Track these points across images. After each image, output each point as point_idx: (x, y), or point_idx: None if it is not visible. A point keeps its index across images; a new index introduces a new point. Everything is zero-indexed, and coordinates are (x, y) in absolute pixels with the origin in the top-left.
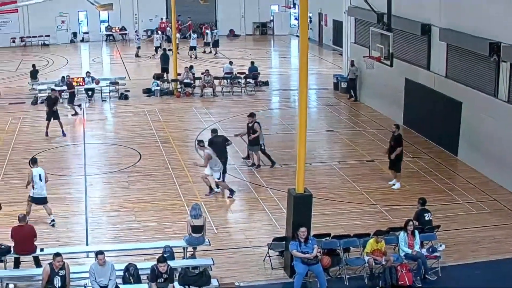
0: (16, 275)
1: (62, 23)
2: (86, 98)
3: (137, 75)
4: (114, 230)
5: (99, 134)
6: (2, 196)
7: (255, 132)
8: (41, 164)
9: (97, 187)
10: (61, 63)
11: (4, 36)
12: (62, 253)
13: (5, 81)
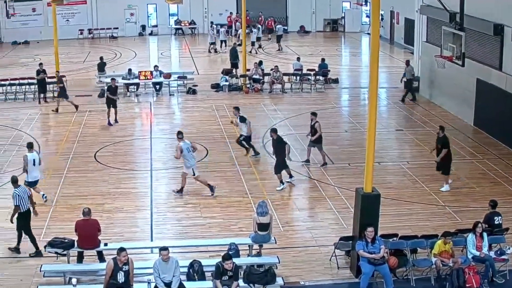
0: (79, 270)
1: (131, 15)
2: (153, 92)
3: (206, 70)
4: (179, 226)
5: (166, 129)
6: (67, 189)
7: (316, 131)
8: (107, 158)
9: (162, 182)
10: (129, 56)
11: (72, 27)
12: (126, 248)
13: (72, 73)
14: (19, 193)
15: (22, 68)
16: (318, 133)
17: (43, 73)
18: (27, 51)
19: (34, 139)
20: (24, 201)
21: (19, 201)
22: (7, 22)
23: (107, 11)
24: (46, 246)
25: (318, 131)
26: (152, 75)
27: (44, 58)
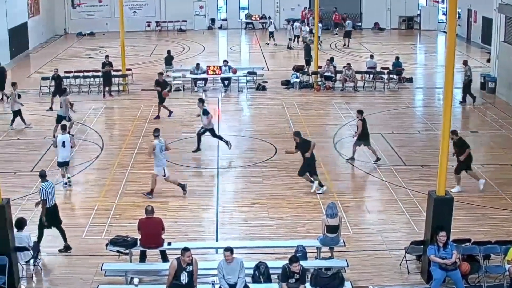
0: (141, 269)
1: (200, 8)
2: (222, 88)
3: (276, 66)
4: (245, 226)
5: (234, 126)
6: (130, 186)
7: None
8: (172, 155)
9: (229, 180)
10: (197, 50)
11: (140, 19)
12: (190, 248)
13: (139, 66)
14: (46, 187)
15: (87, 60)
16: (358, 131)
17: (109, 66)
18: (92, 43)
19: (98, 133)
20: (51, 196)
21: (46, 195)
22: (73, 13)
23: (176, 3)
24: (108, 244)
25: (358, 128)
26: (221, 70)
27: (110, 50)
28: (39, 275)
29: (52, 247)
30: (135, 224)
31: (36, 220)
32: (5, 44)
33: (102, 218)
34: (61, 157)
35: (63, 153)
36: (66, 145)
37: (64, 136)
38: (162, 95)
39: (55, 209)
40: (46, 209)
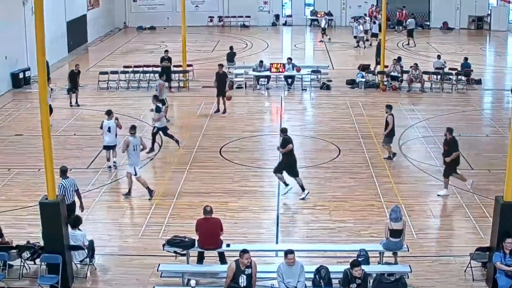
0: (199, 271)
1: (264, 4)
2: (285, 86)
3: (342, 65)
4: (306, 229)
5: (297, 125)
6: (189, 185)
7: (387, 124)
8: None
9: (291, 181)
10: (260, 46)
11: (202, 14)
12: (249, 250)
13: (200, 62)
14: (64, 184)
15: (147, 55)
16: (390, 126)
17: (167, 61)
18: (152, 37)
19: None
20: (69, 193)
21: (64, 192)
22: (133, 6)
23: None
24: (165, 245)
25: (390, 124)
26: (284, 68)
27: (171, 45)
28: (94, 274)
29: (108, 247)
30: (193, 224)
31: (92, 218)
32: (63, 37)
33: (159, 218)
34: (106, 142)
35: (108, 138)
36: (111, 131)
37: (109, 122)
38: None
39: (73, 207)
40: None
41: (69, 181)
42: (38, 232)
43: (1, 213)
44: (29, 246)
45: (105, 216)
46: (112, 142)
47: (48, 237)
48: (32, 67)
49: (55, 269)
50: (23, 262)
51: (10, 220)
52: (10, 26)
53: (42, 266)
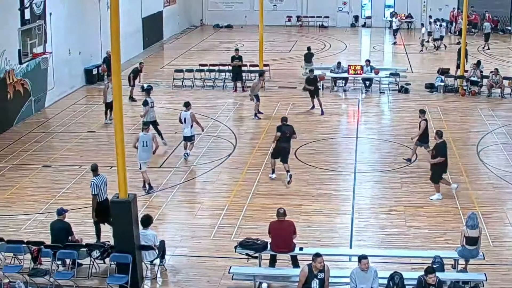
0: (271, 274)
1: (343, 4)
2: (362, 89)
3: (420, 68)
4: (381, 234)
5: (374, 129)
6: (263, 187)
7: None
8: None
9: (366, 185)
10: (338, 47)
11: (280, 13)
12: (322, 254)
13: (277, 62)
14: (96, 182)
15: (223, 54)
16: (419, 131)
17: (238, 60)
18: (229, 35)
19: (231, 130)
20: (101, 190)
21: (97, 190)
22: (210, 3)
23: None
24: (237, 247)
25: (420, 129)
26: (362, 70)
27: (247, 44)
28: (164, 275)
29: (179, 248)
30: (266, 226)
31: (163, 218)
32: (139, 33)
33: (232, 219)
34: (185, 132)
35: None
36: (187, 121)
37: (186, 113)
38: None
39: (107, 204)
40: (98, 204)
41: (100, 178)
42: (108, 231)
43: (72, 211)
44: (99, 245)
45: (177, 217)
46: (186, 133)
47: (118, 236)
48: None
49: (124, 269)
50: (93, 261)
51: (80, 218)
52: (85, 21)
53: (112, 266)
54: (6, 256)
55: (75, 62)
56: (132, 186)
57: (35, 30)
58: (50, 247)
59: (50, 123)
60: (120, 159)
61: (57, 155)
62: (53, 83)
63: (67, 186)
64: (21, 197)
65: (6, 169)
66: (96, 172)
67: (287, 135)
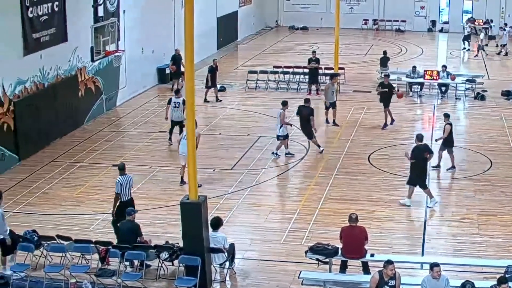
0: (341, 280)
1: (421, 8)
2: (438, 94)
3: (497, 75)
4: (453, 242)
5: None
6: (335, 191)
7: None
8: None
9: (439, 192)
10: (415, 52)
11: (356, 16)
12: (394, 261)
13: (352, 66)
14: (121, 181)
15: (298, 56)
16: (443, 135)
17: (315, 62)
18: (304, 37)
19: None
20: (125, 190)
21: (121, 189)
22: (286, 5)
23: (396, 2)
24: (307, 252)
25: (444, 132)
26: (438, 75)
27: (323, 47)
28: (233, 279)
29: (249, 251)
30: (337, 231)
31: (234, 221)
32: (213, 33)
33: (303, 224)
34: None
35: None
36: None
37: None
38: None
39: (131, 204)
40: (121, 202)
41: (126, 178)
42: (177, 233)
43: (141, 212)
44: (168, 246)
45: (248, 220)
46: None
47: (188, 238)
48: None
49: (193, 272)
50: (161, 263)
51: (149, 219)
52: (158, 20)
53: (180, 268)
54: (73, 256)
55: (148, 60)
56: (203, 188)
57: (108, 28)
58: (118, 247)
59: (121, 122)
60: (191, 160)
61: (127, 155)
62: (125, 82)
63: (137, 186)
64: (90, 196)
65: (75, 167)
66: (123, 171)
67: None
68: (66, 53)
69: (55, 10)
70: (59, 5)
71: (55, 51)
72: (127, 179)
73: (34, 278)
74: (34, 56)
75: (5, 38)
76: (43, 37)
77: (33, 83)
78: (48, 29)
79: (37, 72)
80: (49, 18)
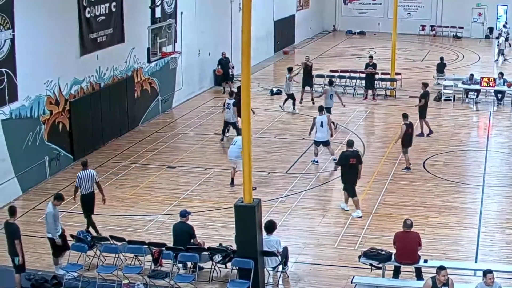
0: (393, 285)
1: (478, 15)
2: (494, 102)
3: None
4: (507, 249)
5: (504, 142)
6: (389, 197)
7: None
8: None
9: (494, 199)
10: (472, 59)
11: (414, 22)
12: (447, 267)
13: (409, 71)
14: (81, 175)
15: (355, 60)
16: (400, 134)
17: (372, 67)
18: (361, 42)
19: (360, 138)
20: (85, 184)
21: (80, 183)
22: (344, 9)
23: (453, 8)
24: (361, 256)
25: (401, 132)
26: (495, 82)
27: (380, 52)
28: (286, 283)
29: (302, 255)
30: (391, 237)
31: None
32: (270, 36)
33: (357, 228)
34: (317, 137)
35: (319, 133)
36: (323, 125)
37: (322, 117)
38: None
39: (90, 198)
40: (81, 196)
41: (86, 173)
42: (231, 235)
43: (195, 214)
44: (221, 249)
45: (302, 223)
46: (323, 138)
47: (241, 241)
48: (236, 64)
49: (246, 275)
50: (214, 265)
51: (203, 221)
52: (216, 22)
53: (233, 271)
54: (127, 257)
55: (205, 63)
56: (257, 191)
57: (165, 29)
58: (171, 249)
59: (177, 123)
60: (246, 163)
61: (182, 157)
62: (181, 83)
63: (191, 188)
64: (144, 197)
65: (130, 168)
66: (85, 167)
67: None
68: (123, 53)
69: (112, 10)
70: (117, 6)
71: (112, 51)
72: (88, 174)
73: (87, 279)
74: (91, 56)
75: (62, 38)
76: (100, 37)
77: (89, 83)
78: (105, 30)
79: (94, 72)
80: (106, 18)
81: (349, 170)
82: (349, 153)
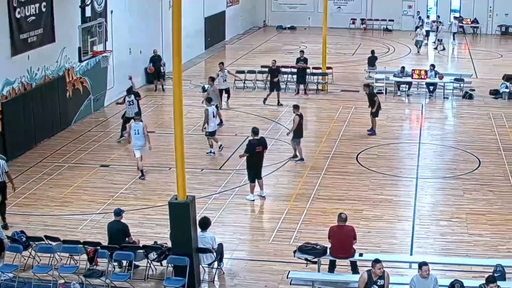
0: (329, 280)
1: (409, 8)
2: (426, 94)
3: (486, 74)
4: (442, 241)
5: (437, 134)
6: (323, 191)
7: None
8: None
9: (428, 191)
10: (402, 52)
11: (344, 16)
12: (382, 261)
13: (340, 65)
14: None
15: (286, 55)
16: (294, 126)
17: (303, 62)
18: (292, 37)
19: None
20: None
21: None
22: (274, 4)
23: (383, 1)
24: (296, 251)
25: (294, 123)
26: (426, 74)
27: (310, 46)
28: (221, 279)
29: (237, 251)
30: (325, 231)
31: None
32: (201, 33)
33: (291, 223)
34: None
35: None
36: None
37: (212, 108)
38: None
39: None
40: None
41: None
42: (166, 233)
43: (130, 212)
44: (156, 246)
45: (236, 219)
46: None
47: (176, 238)
48: (167, 62)
49: (182, 272)
50: (150, 263)
51: (138, 219)
52: (146, 20)
53: (169, 268)
54: (62, 256)
55: (136, 61)
56: (191, 188)
57: (96, 28)
58: (106, 248)
59: (109, 122)
60: (179, 160)
61: (115, 155)
62: (113, 82)
63: (125, 187)
64: (78, 197)
65: (63, 168)
66: None
67: None
68: (54, 53)
69: (42, 10)
70: (47, 6)
71: (43, 51)
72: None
73: (23, 279)
74: (22, 56)
75: None
76: (30, 37)
77: (20, 84)
78: (35, 30)
79: (25, 73)
80: (36, 18)
81: (255, 157)
82: (255, 141)
